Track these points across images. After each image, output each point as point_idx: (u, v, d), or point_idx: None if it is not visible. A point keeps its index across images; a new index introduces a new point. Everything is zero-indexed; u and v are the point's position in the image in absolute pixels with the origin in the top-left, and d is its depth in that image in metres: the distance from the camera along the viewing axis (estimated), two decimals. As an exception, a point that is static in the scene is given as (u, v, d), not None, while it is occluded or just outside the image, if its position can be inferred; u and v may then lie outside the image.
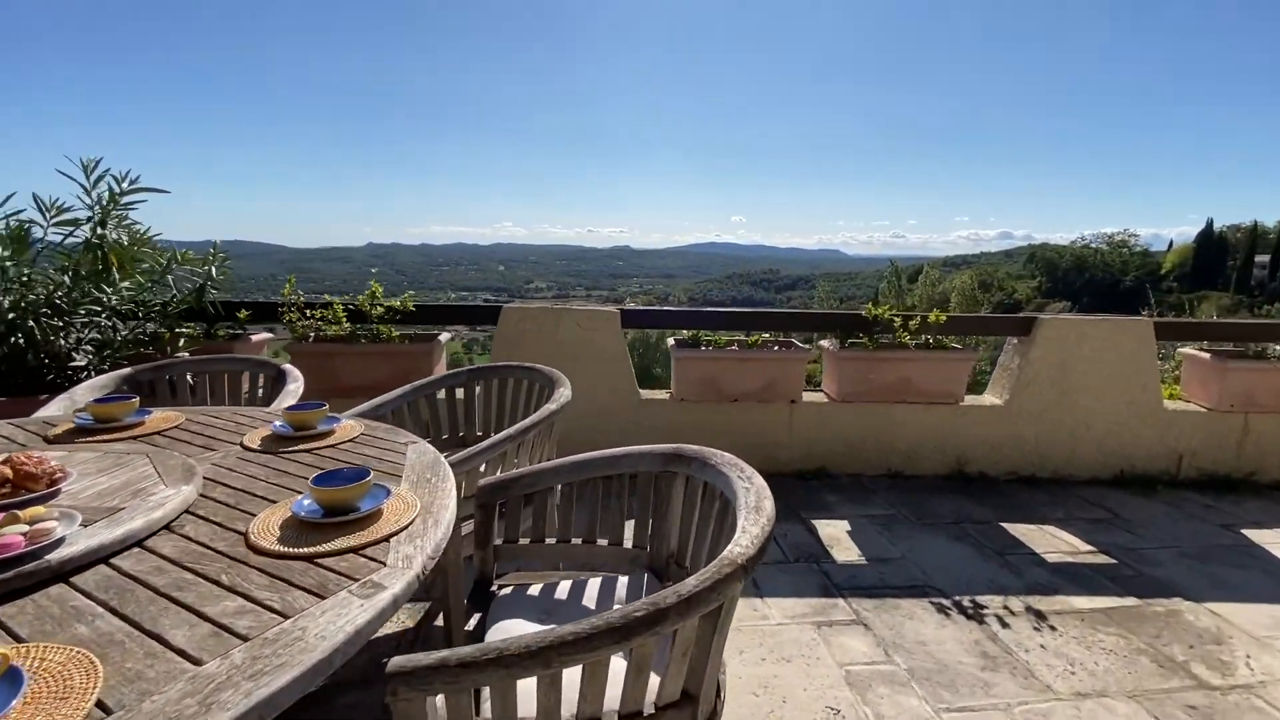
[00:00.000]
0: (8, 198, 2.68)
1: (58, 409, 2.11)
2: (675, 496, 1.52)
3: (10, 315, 2.51)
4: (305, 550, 1.09)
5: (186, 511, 1.25)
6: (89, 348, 2.82)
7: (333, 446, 1.65)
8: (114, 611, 0.92)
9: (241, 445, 1.65)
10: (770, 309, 3.95)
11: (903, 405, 3.73)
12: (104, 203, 2.87)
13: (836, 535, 2.96)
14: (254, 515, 1.23)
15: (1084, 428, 3.79)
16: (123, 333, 2.87)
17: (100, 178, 2.86)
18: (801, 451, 3.73)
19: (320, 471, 1.43)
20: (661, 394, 3.75)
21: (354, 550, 1.10)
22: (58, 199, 2.79)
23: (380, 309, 3.37)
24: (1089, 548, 2.92)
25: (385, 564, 1.07)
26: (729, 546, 1.03)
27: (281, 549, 1.09)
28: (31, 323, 2.53)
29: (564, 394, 2.16)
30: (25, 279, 2.71)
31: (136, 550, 1.10)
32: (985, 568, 2.69)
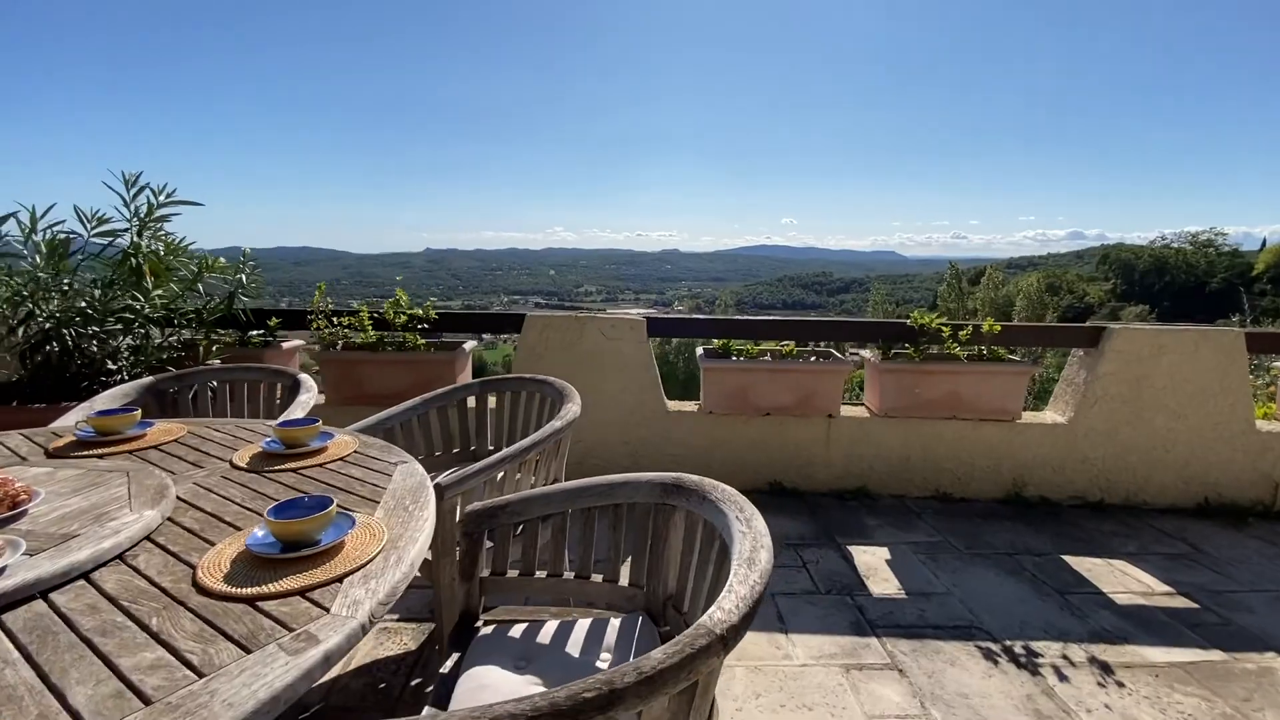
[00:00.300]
0: (48, 209, 2.78)
1: (77, 418, 2.14)
2: (674, 533, 1.37)
3: (47, 325, 2.58)
4: (248, 591, 1.00)
5: (147, 538, 1.18)
6: (125, 354, 2.89)
7: (320, 466, 1.58)
8: (28, 658, 0.85)
9: (230, 463, 1.59)
10: (807, 317, 3.73)
11: (953, 421, 3.46)
12: (142, 214, 2.95)
13: (874, 564, 2.73)
14: (213, 545, 1.15)
15: (1161, 450, 3.42)
16: (156, 340, 2.93)
17: (140, 190, 2.94)
18: (840, 469, 3.50)
19: (293, 496, 1.36)
20: (690, 406, 3.59)
21: (300, 592, 1.01)
22: (98, 210, 2.88)
23: (404, 317, 3.35)
24: (1166, 588, 2.59)
25: (329, 610, 0.97)
26: (708, 610, 0.87)
27: (223, 588, 1.00)
28: (66, 331, 2.60)
29: (572, 410, 2.04)
30: (66, 289, 2.79)
31: (80, 583, 1.03)
32: (1042, 608, 2.42)
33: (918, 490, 3.50)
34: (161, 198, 2.96)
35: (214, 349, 3.20)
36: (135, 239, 2.95)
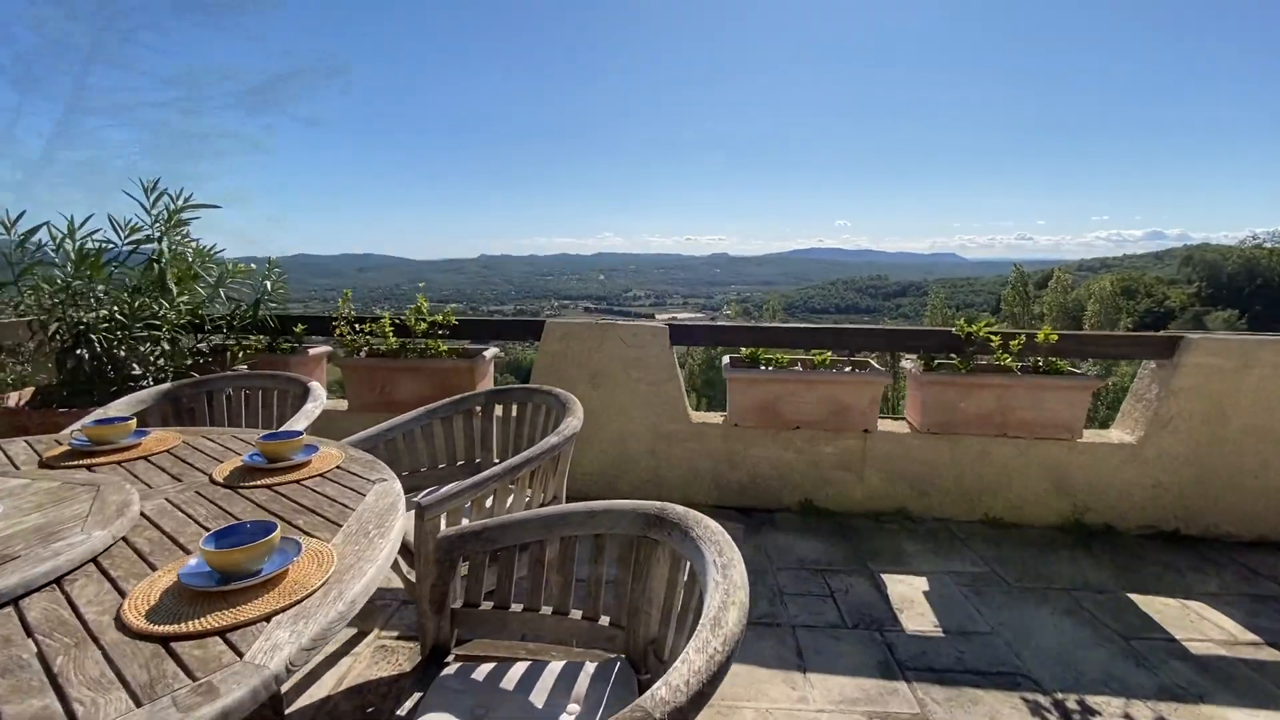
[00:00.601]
0: (86, 219, 2.87)
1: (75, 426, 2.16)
2: (657, 570, 1.23)
3: (76, 330, 2.65)
4: (163, 629, 0.91)
5: (93, 560, 1.13)
6: (154, 360, 2.95)
7: (295, 482, 1.51)
8: (-84, 700, 0.78)
9: (210, 476, 1.55)
10: (841, 324, 3.49)
11: (1004, 439, 3.17)
12: (164, 220, 3.02)
13: (910, 596, 2.50)
14: (154, 572, 1.09)
15: (1249, 475, 3.03)
16: (182, 345, 2.98)
17: (159, 196, 3.01)
18: (877, 489, 3.26)
19: (256, 518, 1.30)
20: (715, 417, 3.43)
21: (219, 632, 0.92)
22: (129, 219, 2.97)
23: (424, 324, 3.31)
24: (1252, 637, 2.26)
25: (243, 656, 0.87)
26: (652, 688, 0.73)
27: (140, 625, 0.92)
28: (94, 337, 2.66)
29: (572, 424, 1.92)
30: (101, 295, 2.87)
31: (7, 609, 0.98)
32: (1102, 656, 2.14)
33: (964, 514, 3.23)
34: (179, 202, 3.02)
35: (241, 355, 3.25)
36: (158, 245, 3.02)
